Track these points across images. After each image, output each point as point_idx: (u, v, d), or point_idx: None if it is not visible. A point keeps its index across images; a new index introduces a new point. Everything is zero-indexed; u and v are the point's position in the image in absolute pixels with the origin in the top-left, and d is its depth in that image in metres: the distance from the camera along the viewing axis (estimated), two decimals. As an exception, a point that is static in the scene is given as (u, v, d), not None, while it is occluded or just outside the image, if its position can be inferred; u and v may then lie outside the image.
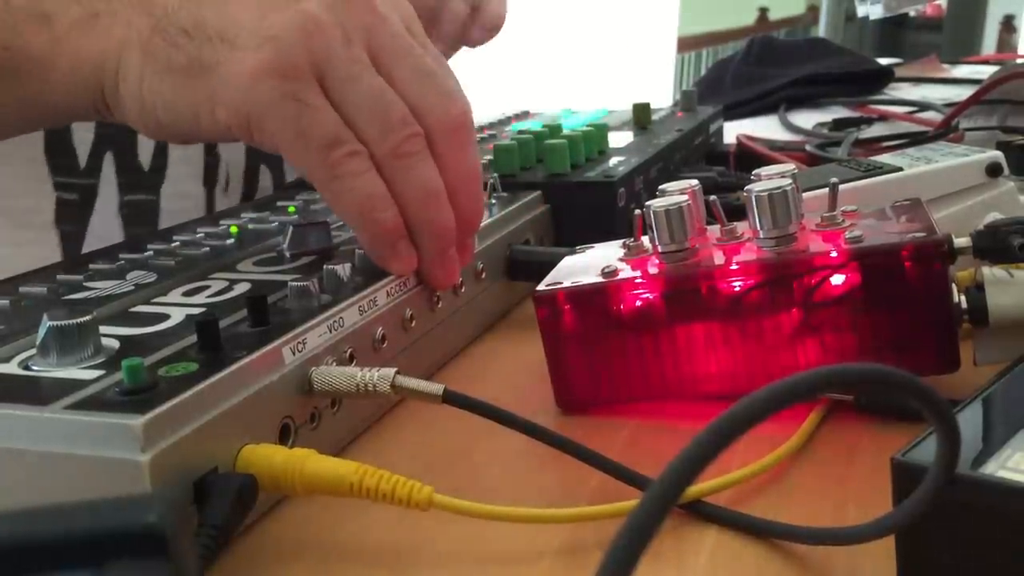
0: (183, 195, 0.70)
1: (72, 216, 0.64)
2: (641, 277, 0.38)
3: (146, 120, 0.42)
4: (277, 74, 0.38)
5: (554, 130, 0.66)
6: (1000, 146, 0.55)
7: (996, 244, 0.37)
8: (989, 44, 2.89)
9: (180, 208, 0.69)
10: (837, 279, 0.36)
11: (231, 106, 0.39)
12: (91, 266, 0.45)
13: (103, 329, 0.34)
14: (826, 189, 0.39)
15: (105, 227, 0.65)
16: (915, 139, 0.80)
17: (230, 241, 0.48)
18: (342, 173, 0.39)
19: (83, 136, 0.64)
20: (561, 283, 0.39)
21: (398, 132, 0.40)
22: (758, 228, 0.37)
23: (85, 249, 0.64)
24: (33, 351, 0.33)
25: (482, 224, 0.45)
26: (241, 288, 0.40)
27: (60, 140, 0.63)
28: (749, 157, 0.77)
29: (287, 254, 0.45)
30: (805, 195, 0.41)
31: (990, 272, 0.37)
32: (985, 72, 1.17)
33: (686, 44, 3.39)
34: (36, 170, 0.63)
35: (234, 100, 0.39)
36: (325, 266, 0.39)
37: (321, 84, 0.39)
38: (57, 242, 0.64)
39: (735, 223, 0.40)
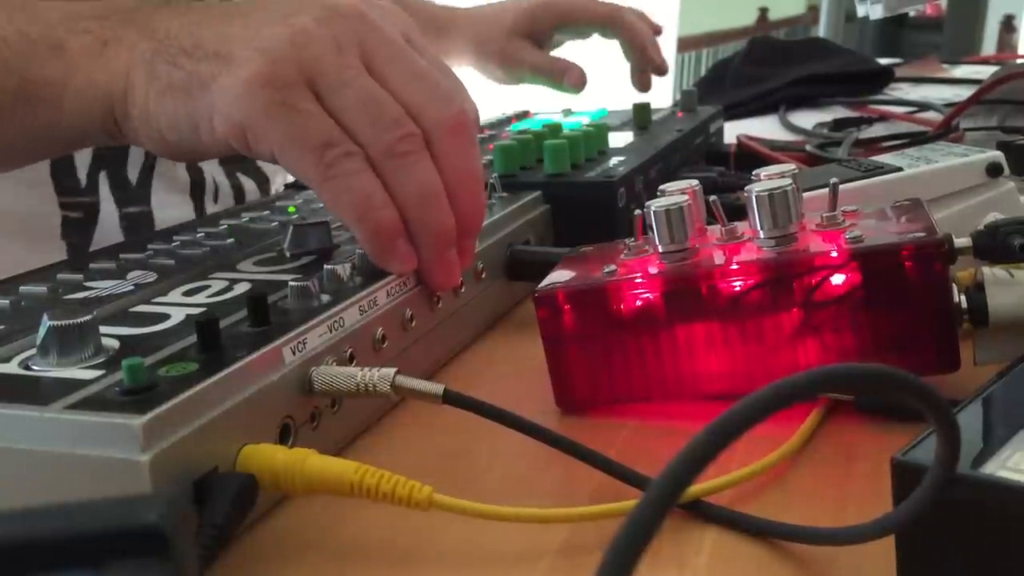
0: (173, 204, 0.73)
1: (78, 231, 0.68)
2: (641, 277, 0.38)
3: (153, 138, 0.44)
4: (268, 83, 0.39)
5: (554, 130, 0.66)
6: (1000, 146, 0.55)
7: (996, 244, 0.37)
8: (989, 44, 2.89)
9: (173, 217, 0.71)
10: (837, 279, 0.36)
11: (227, 117, 0.40)
12: (91, 266, 0.45)
13: (103, 329, 0.34)
14: (826, 189, 0.39)
15: (108, 240, 0.68)
16: (915, 139, 0.80)
17: (230, 241, 0.48)
18: (337, 173, 0.39)
19: (83, 157, 0.67)
20: (561, 283, 0.39)
21: (392, 132, 0.40)
22: (758, 228, 0.37)
23: None
24: (33, 351, 0.33)
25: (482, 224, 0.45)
26: (241, 288, 0.40)
27: (63, 161, 0.66)
28: (749, 157, 0.77)
29: (287, 254, 0.45)
30: (805, 195, 0.41)
31: (990, 272, 0.37)
32: (985, 72, 1.17)
33: (686, 44, 3.39)
34: (43, 191, 0.66)
35: (229, 111, 0.40)
36: (325, 266, 0.39)
37: (315, 92, 0.40)
38: (65, 254, 0.67)
39: (735, 223, 0.40)
